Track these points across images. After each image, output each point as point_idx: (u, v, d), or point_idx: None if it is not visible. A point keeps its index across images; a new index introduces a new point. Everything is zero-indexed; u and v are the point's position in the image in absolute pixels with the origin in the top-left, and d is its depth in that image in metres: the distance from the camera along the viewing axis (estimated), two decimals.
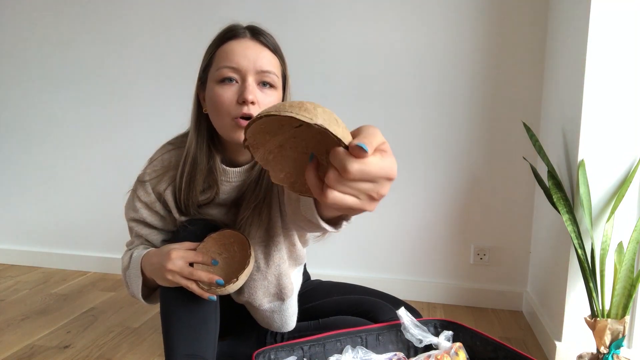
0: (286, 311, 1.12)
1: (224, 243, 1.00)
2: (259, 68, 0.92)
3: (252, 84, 0.91)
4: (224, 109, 0.91)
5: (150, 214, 1.06)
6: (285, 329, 1.15)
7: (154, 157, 1.08)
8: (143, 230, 1.08)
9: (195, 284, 0.92)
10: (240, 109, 0.90)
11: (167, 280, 0.93)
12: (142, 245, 1.09)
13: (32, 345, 1.33)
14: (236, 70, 0.91)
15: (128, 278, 1.05)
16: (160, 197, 1.05)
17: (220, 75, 0.92)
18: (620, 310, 1.08)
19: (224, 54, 0.93)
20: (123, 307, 1.62)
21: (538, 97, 1.64)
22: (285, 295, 1.09)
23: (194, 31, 1.84)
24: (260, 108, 0.91)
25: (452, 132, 1.71)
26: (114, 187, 1.98)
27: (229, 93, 0.91)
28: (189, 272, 0.91)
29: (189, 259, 0.93)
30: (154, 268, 0.96)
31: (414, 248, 1.77)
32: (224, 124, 0.93)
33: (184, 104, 1.85)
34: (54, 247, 2.07)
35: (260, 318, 1.13)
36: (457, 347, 0.99)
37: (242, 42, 0.94)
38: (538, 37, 1.62)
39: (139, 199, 1.06)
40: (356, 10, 1.73)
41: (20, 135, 2.05)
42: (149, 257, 1.00)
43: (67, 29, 1.96)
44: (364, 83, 1.74)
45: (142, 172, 1.08)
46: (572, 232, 1.13)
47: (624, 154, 1.19)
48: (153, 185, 1.05)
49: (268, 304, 1.09)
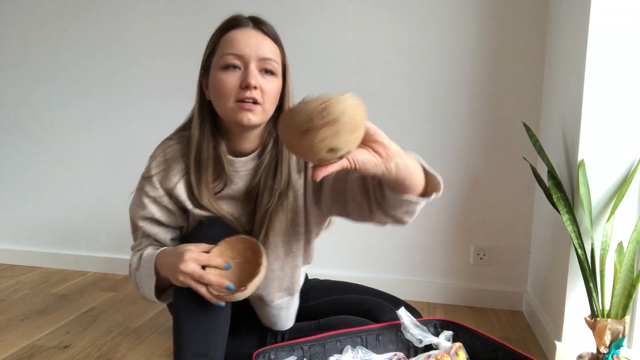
0: (291, 307, 1.15)
1: (238, 248, 1.00)
2: (261, 55, 0.96)
3: (254, 69, 0.95)
4: (227, 93, 0.95)
5: (158, 209, 1.06)
6: (286, 327, 1.17)
7: (155, 154, 1.08)
8: (152, 228, 1.07)
9: (204, 288, 0.93)
10: (243, 93, 0.94)
11: (179, 280, 0.94)
12: (151, 246, 1.08)
13: (32, 345, 1.33)
14: (239, 57, 0.95)
15: (138, 279, 1.05)
16: (169, 193, 1.05)
17: (224, 62, 0.96)
18: (620, 310, 1.08)
19: (227, 41, 0.97)
20: (123, 307, 1.62)
21: (538, 97, 1.64)
22: (294, 290, 1.13)
23: (192, 28, 1.84)
24: (262, 93, 0.96)
25: (452, 132, 1.71)
26: (114, 187, 1.98)
27: (232, 78, 0.95)
28: (200, 276, 0.92)
29: (201, 262, 0.94)
30: (168, 267, 0.97)
31: (414, 248, 1.77)
32: (227, 107, 0.96)
33: (182, 101, 1.84)
34: (54, 247, 2.07)
35: (266, 316, 1.14)
36: (457, 347, 0.99)
37: (245, 31, 0.98)
38: (538, 37, 1.62)
39: (146, 195, 1.06)
40: (356, 10, 1.73)
41: (20, 135, 2.05)
42: (164, 256, 1.00)
43: (61, 26, 1.96)
44: (364, 83, 1.74)
45: (146, 169, 1.08)
46: (572, 232, 1.13)
47: (624, 154, 1.19)
48: (160, 179, 1.05)
49: (278, 299, 1.11)
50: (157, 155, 1.07)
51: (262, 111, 0.97)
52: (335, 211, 1.07)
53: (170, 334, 1.41)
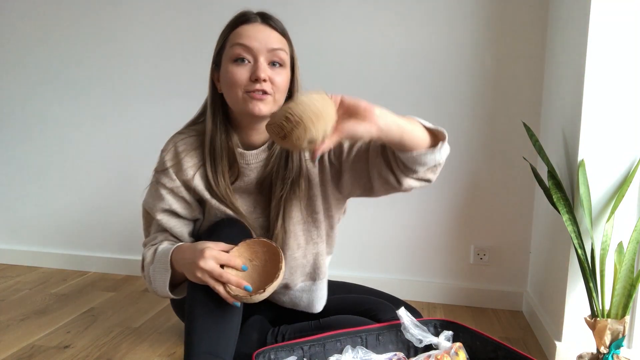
0: (315, 292, 1.18)
1: (255, 250, 1.01)
2: (269, 47, 1.00)
3: (263, 63, 0.99)
4: (237, 85, 0.99)
5: (176, 200, 1.08)
6: (312, 310, 1.19)
7: (167, 147, 1.11)
8: (169, 221, 1.09)
9: (222, 287, 0.93)
10: (254, 86, 0.98)
11: (196, 277, 0.95)
12: (166, 241, 1.09)
13: (32, 345, 1.33)
14: (248, 49, 0.99)
15: (152, 273, 1.05)
16: (186, 184, 1.07)
17: (234, 55, 0.99)
18: (620, 310, 1.08)
19: (237, 35, 1.01)
20: (123, 307, 1.62)
21: (538, 97, 1.64)
22: (317, 276, 1.16)
23: (193, 28, 1.84)
24: (272, 84, 1.00)
25: (452, 132, 1.70)
26: (114, 187, 1.98)
27: (242, 71, 0.99)
28: (219, 274, 0.93)
29: (221, 261, 0.95)
30: (186, 262, 0.97)
31: (413, 248, 1.77)
32: (237, 98, 0.99)
33: (182, 99, 1.85)
34: (54, 247, 2.07)
35: (288, 299, 1.17)
36: (457, 347, 0.99)
37: (254, 26, 1.02)
38: (538, 37, 1.62)
39: (163, 186, 1.08)
40: (356, 10, 1.73)
41: (20, 135, 2.05)
42: (181, 251, 1.01)
43: (61, 26, 1.96)
44: (364, 83, 1.74)
45: (159, 163, 1.11)
46: (572, 232, 1.13)
47: (624, 154, 1.19)
48: (175, 171, 1.07)
49: (301, 282, 1.15)
50: (169, 149, 1.10)
51: (273, 101, 1.01)
52: (356, 192, 1.11)
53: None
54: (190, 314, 0.98)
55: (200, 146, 1.08)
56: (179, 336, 1.40)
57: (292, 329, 1.19)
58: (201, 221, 1.14)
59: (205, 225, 1.12)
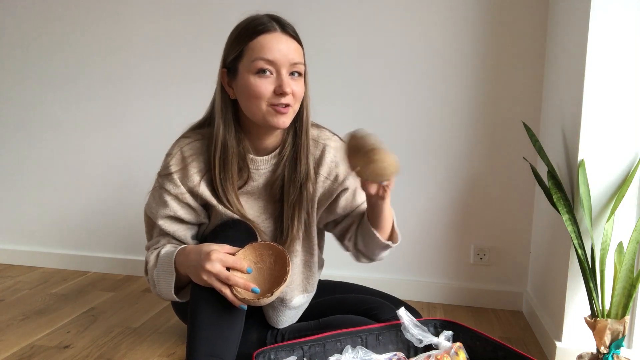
0: (304, 306, 1.21)
1: (261, 254, 1.01)
2: (291, 60, 1.00)
3: (286, 76, 0.99)
4: (261, 98, 0.99)
5: (180, 206, 1.07)
6: (286, 324, 1.20)
7: (172, 152, 1.09)
8: (172, 226, 1.08)
9: (229, 290, 0.93)
10: (278, 99, 0.99)
11: (202, 279, 0.94)
12: (169, 244, 1.09)
13: (32, 345, 1.33)
14: (271, 62, 0.98)
15: (156, 276, 1.05)
16: (191, 190, 1.06)
17: (256, 67, 0.98)
18: (620, 310, 1.08)
19: (258, 46, 0.99)
20: (123, 307, 1.62)
21: (538, 97, 1.64)
22: (312, 288, 1.20)
23: (195, 30, 1.84)
24: (294, 97, 1.01)
25: (452, 132, 1.71)
26: (114, 187, 1.98)
27: (266, 84, 0.98)
28: (226, 277, 0.93)
29: (227, 263, 0.94)
30: (191, 265, 0.97)
31: (413, 248, 1.77)
32: (260, 110, 0.99)
33: (184, 102, 1.85)
34: (54, 247, 2.07)
35: (276, 315, 1.17)
36: (457, 347, 0.99)
37: (274, 36, 1.00)
38: (538, 37, 1.62)
39: (168, 193, 1.06)
40: (355, 10, 1.73)
41: (20, 135, 2.05)
42: (185, 254, 1.00)
43: (61, 27, 1.96)
44: (364, 83, 1.74)
45: (164, 167, 1.09)
46: (572, 232, 1.13)
47: (624, 153, 1.19)
48: (180, 177, 1.06)
49: (298, 295, 1.16)
50: (174, 153, 1.08)
51: (293, 112, 1.02)
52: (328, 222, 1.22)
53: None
54: (193, 315, 0.98)
55: (206, 151, 1.06)
56: (179, 336, 1.40)
57: (292, 329, 1.19)
58: (206, 225, 1.13)
59: (211, 227, 1.12)
